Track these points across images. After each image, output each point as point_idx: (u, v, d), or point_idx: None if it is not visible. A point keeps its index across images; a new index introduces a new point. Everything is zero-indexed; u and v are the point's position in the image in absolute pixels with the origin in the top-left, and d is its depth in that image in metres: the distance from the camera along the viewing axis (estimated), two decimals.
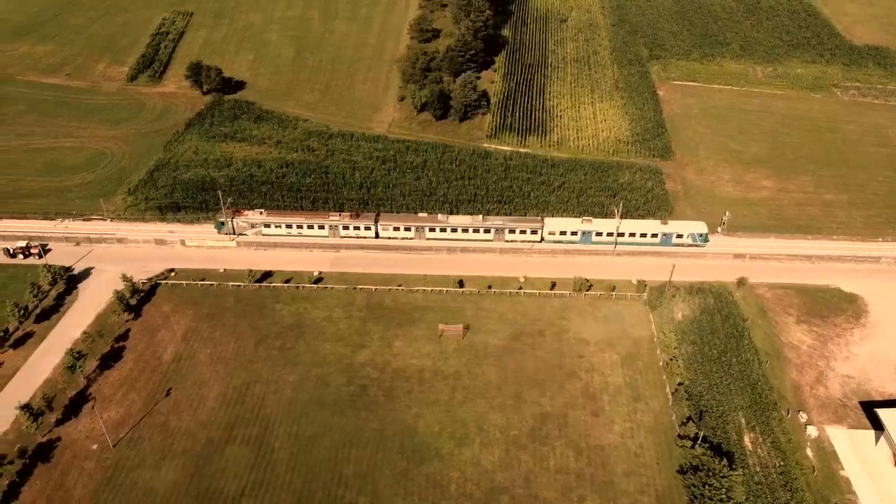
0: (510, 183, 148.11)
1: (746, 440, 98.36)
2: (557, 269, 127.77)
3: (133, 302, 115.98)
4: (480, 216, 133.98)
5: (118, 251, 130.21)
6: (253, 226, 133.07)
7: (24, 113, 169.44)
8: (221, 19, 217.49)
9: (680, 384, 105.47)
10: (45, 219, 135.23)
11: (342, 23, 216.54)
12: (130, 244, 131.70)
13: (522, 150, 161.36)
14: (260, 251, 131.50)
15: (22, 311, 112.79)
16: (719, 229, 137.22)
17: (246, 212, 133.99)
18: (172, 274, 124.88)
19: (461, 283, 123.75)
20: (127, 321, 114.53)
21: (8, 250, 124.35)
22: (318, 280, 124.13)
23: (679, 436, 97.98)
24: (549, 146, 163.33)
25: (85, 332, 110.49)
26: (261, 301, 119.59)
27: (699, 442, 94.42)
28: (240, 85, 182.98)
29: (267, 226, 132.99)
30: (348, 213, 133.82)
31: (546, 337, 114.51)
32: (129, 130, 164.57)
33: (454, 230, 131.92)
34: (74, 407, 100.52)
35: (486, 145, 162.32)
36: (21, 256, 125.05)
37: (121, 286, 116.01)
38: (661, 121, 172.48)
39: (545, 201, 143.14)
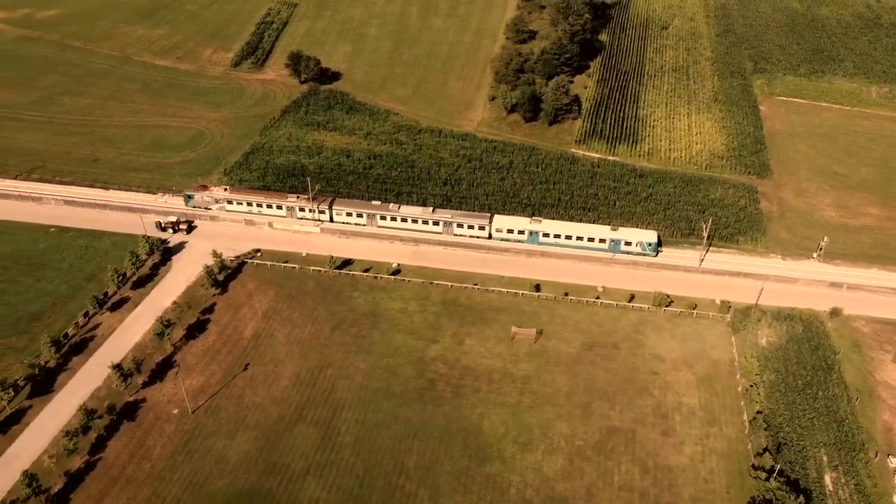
0: (595, 190, 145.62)
1: (827, 479, 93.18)
2: (638, 282, 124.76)
3: (220, 278, 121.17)
4: (431, 208, 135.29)
5: (211, 228, 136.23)
6: (217, 201, 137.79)
7: (137, 91, 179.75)
8: (324, 11, 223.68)
9: (759, 412, 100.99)
10: (148, 192, 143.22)
11: (440, 20, 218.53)
12: (222, 222, 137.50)
13: (611, 157, 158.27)
14: (342, 239, 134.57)
15: (121, 278, 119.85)
16: (815, 255, 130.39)
17: (211, 187, 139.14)
18: (258, 254, 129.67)
19: (538, 288, 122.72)
20: (214, 295, 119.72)
21: (159, 223, 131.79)
22: (397, 272, 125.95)
23: (753, 466, 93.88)
24: (639, 156, 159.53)
25: (175, 302, 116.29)
26: (339, 287, 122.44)
27: (775, 475, 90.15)
28: (336, 76, 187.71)
29: (229, 202, 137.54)
30: (305, 196, 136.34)
31: (620, 350, 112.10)
32: (230, 114, 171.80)
33: (404, 220, 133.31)
34: (160, 371, 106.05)
35: (573, 150, 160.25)
36: (170, 231, 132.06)
37: (211, 262, 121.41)
38: (761, 137, 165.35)
39: (630, 212, 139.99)
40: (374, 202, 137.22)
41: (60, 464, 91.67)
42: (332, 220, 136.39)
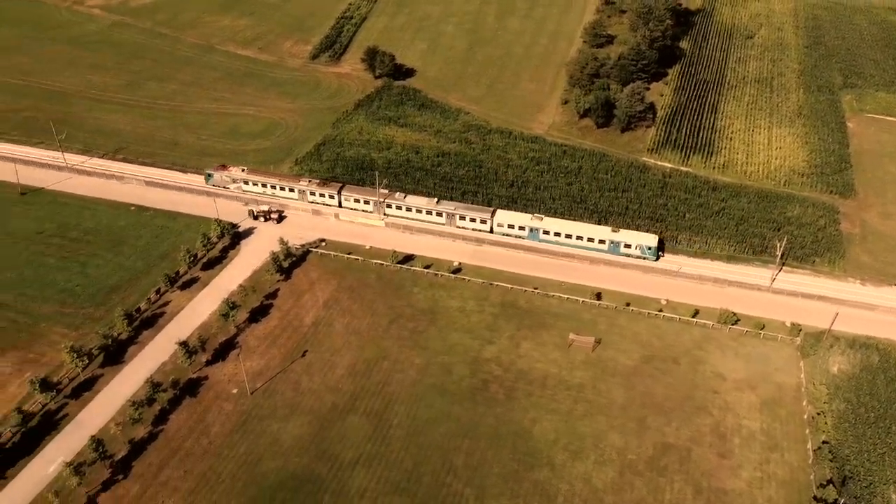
0: (665, 201, 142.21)
1: None
2: (704, 297, 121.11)
3: (286, 265, 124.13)
4: (435, 199, 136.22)
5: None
6: (234, 181, 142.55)
7: (218, 80, 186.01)
8: (402, 8, 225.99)
9: (825, 442, 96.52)
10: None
11: (517, 21, 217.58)
12: (290, 211, 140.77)
13: (683, 168, 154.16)
14: (406, 234, 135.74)
15: (192, 258, 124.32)
16: None
17: (230, 168, 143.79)
18: (323, 244, 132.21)
19: (598, 296, 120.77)
20: (278, 281, 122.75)
21: (252, 212, 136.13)
22: (457, 270, 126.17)
23: (815, 498, 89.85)
24: (714, 168, 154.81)
25: (241, 286, 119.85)
26: (400, 282, 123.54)
27: None
28: (410, 72, 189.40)
29: (246, 182, 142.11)
30: (317, 181, 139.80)
31: (680, 365, 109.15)
32: (304, 105, 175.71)
33: (409, 209, 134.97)
34: (223, 351, 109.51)
35: (645, 159, 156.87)
36: (262, 219, 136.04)
37: (277, 248, 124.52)
38: (846, 155, 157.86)
39: (700, 225, 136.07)
40: (381, 190, 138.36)
41: (125, 432, 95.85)
42: (340, 206, 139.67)
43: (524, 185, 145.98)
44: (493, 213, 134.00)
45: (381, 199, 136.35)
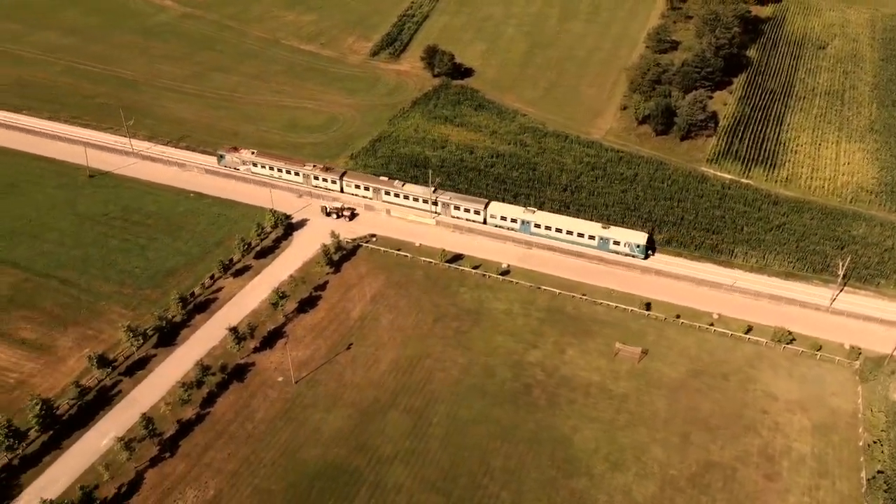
0: (723, 213, 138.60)
1: None
2: (758, 314, 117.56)
3: (335, 258, 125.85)
4: (432, 188, 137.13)
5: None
6: (244, 162, 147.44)
7: (280, 73, 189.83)
8: (464, 7, 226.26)
9: (880, 472, 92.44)
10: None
11: (579, 24, 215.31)
12: (320, 201, 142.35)
13: (744, 180, 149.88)
14: (456, 234, 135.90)
15: (245, 247, 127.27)
16: None
17: (241, 150, 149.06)
18: (374, 239, 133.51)
19: (648, 306, 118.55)
20: (327, 274, 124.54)
21: (325, 208, 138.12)
22: (505, 272, 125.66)
23: None
24: (776, 181, 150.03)
25: (291, 276, 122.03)
26: (447, 281, 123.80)
27: None
28: (468, 72, 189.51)
29: (254, 164, 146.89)
30: (321, 166, 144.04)
31: (730, 382, 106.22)
32: (362, 101, 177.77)
33: (406, 197, 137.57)
34: (270, 339, 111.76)
35: (704, 169, 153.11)
36: (334, 216, 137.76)
37: (328, 241, 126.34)
38: None
39: (759, 239, 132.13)
40: (381, 178, 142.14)
41: (174, 412, 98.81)
42: (341, 191, 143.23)
43: (578, 189, 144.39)
44: (487, 204, 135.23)
45: (381, 187, 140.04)
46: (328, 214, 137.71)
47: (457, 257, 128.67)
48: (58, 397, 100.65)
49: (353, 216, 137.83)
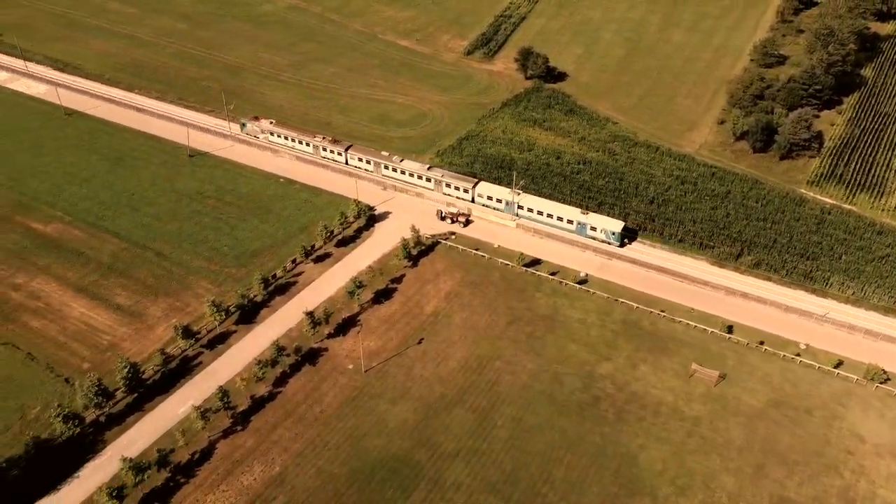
0: (820, 239, 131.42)
1: None
2: (851, 348, 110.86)
3: (414, 252, 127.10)
4: (427, 166, 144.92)
5: (415, 204, 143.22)
6: (263, 131, 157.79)
7: (375, 67, 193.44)
8: (562, 10, 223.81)
9: None
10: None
11: (681, 32, 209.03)
12: (426, 201, 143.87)
13: (846, 205, 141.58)
14: (536, 238, 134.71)
15: (328, 234, 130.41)
16: None
17: (261, 119, 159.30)
18: (453, 237, 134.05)
19: (730, 329, 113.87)
20: (405, 267, 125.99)
21: (440, 212, 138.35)
22: (583, 281, 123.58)
23: None
24: (882, 210, 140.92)
25: (369, 266, 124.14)
26: (523, 285, 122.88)
27: None
28: (561, 76, 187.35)
29: (272, 134, 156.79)
30: (329, 138, 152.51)
31: (813, 417, 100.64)
32: (453, 99, 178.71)
33: (403, 172, 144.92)
34: (344, 327, 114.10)
35: (803, 191, 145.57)
36: (449, 221, 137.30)
37: (408, 236, 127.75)
38: None
39: (858, 269, 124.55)
40: (383, 153, 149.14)
41: (249, 387, 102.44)
42: (346, 163, 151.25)
43: (665, 203, 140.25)
44: (476, 184, 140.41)
45: (381, 161, 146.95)
46: (443, 218, 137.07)
47: (535, 262, 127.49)
48: (144, 362, 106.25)
49: (467, 222, 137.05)
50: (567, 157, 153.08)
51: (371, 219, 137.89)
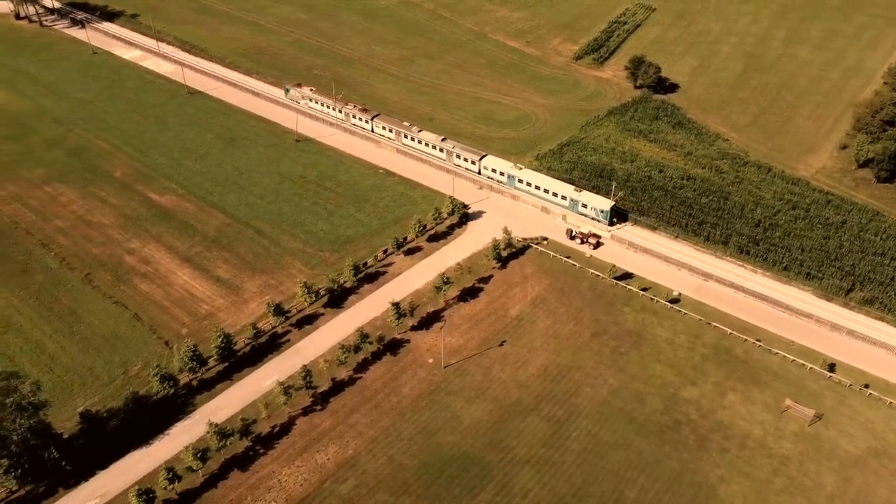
0: None
1: None
2: None
3: (504, 254, 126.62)
4: (442, 138, 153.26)
5: (508, 206, 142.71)
6: (303, 97, 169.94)
7: (483, 66, 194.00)
8: (680, 20, 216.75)
9: None
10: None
11: (807, 50, 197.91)
12: (521, 204, 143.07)
13: None
14: (630, 251, 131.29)
15: (421, 228, 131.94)
16: None
17: (303, 87, 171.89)
18: (545, 242, 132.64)
19: (832, 367, 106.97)
20: (493, 268, 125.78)
21: (570, 231, 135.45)
22: (675, 300, 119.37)
23: None
24: None
25: (458, 264, 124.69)
26: (612, 298, 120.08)
27: None
28: (672, 87, 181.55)
29: (311, 100, 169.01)
30: (359, 107, 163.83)
31: None
32: (558, 103, 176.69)
33: (419, 142, 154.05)
34: (428, 321, 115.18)
35: None
36: (578, 241, 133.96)
37: (500, 237, 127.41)
38: None
39: None
40: (404, 123, 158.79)
41: (330, 370, 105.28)
42: (372, 131, 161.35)
43: (772, 227, 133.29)
44: (482, 157, 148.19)
45: (402, 130, 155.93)
46: (572, 238, 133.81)
47: (626, 275, 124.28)
48: (237, 334, 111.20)
49: (598, 245, 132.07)
50: (670, 171, 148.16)
51: (464, 217, 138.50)
